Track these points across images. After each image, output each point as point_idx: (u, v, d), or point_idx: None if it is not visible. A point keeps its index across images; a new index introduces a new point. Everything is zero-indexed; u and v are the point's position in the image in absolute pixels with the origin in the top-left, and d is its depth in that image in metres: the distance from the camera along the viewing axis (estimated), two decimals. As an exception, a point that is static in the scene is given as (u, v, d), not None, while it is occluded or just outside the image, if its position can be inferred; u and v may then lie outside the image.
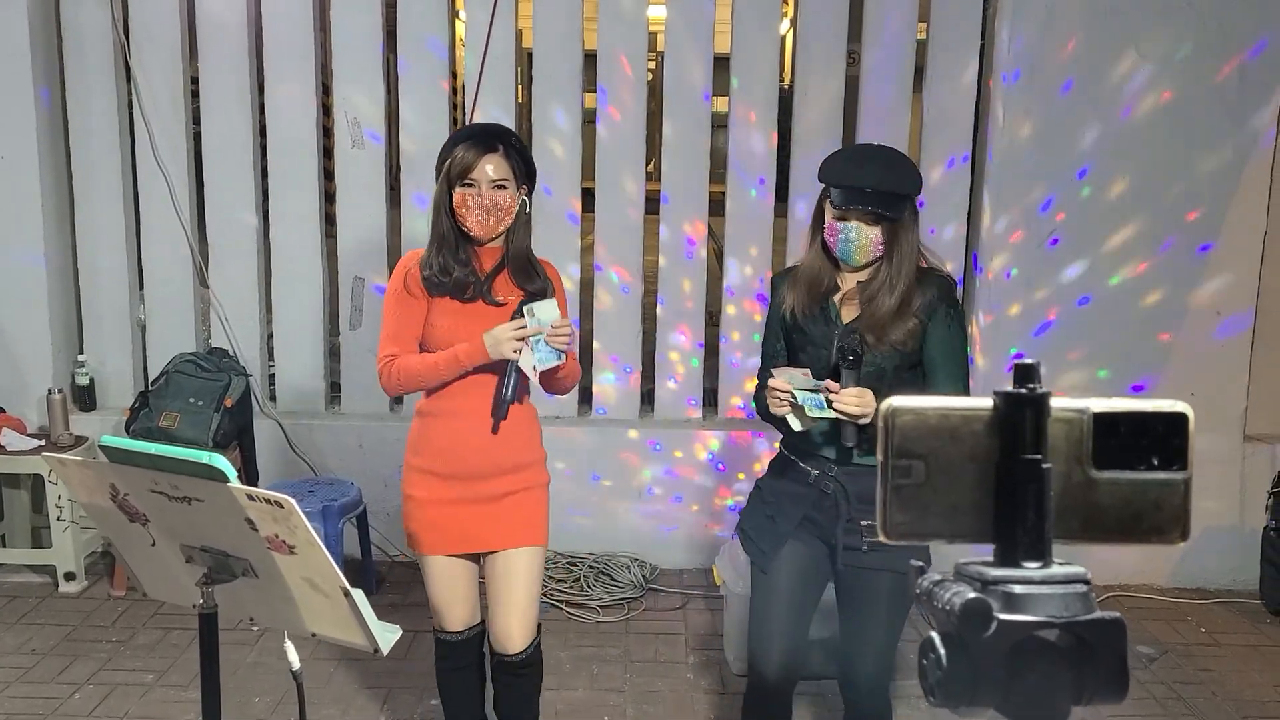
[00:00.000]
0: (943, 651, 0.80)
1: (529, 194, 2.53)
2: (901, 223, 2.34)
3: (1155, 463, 0.84)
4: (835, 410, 2.24)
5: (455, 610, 2.61)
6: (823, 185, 2.40)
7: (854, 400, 2.23)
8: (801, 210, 4.23)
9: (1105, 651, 0.80)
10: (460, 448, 2.50)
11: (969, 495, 0.84)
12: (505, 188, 2.45)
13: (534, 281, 2.51)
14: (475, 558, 2.60)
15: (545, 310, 2.41)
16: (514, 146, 2.50)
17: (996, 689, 0.80)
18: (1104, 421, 0.84)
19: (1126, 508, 0.84)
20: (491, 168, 2.44)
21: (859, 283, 2.42)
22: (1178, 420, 0.84)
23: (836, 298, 2.44)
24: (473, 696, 2.71)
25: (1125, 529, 0.85)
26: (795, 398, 2.27)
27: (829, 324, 2.42)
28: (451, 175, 2.44)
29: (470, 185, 2.43)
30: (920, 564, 0.89)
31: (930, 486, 0.84)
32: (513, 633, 2.57)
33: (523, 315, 2.40)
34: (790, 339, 2.49)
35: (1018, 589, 0.81)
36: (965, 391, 2.43)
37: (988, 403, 0.84)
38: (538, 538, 2.58)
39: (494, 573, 2.58)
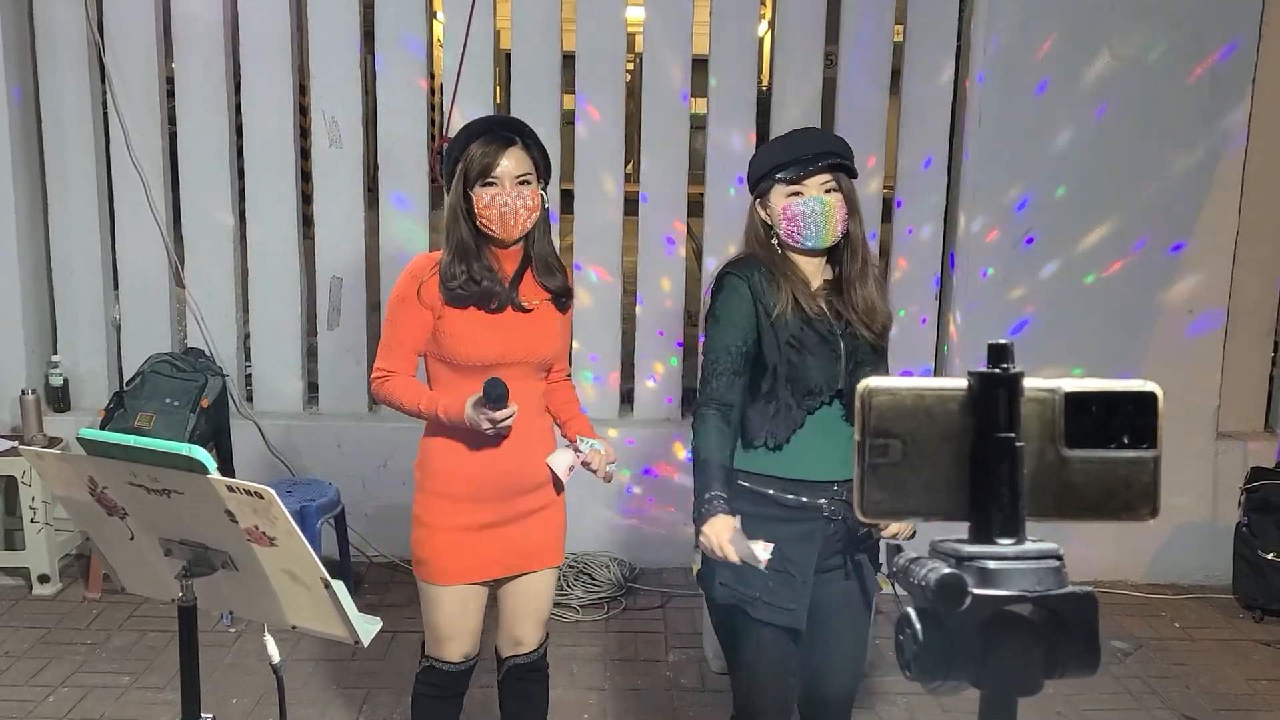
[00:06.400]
0: (918, 626, 0.82)
1: (545, 188, 2.38)
2: (852, 191, 2.25)
3: (1126, 441, 0.86)
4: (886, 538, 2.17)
5: (460, 643, 2.47)
6: (758, 190, 2.27)
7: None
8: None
9: (1077, 625, 0.81)
10: (485, 471, 2.35)
11: (945, 474, 0.85)
12: (529, 183, 2.31)
13: (556, 278, 2.40)
14: (488, 582, 2.48)
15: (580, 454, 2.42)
16: (531, 138, 2.36)
17: (971, 662, 0.81)
18: (1075, 400, 0.86)
19: (1098, 485, 0.86)
20: (513, 163, 2.29)
21: (828, 275, 2.29)
22: (1147, 399, 0.86)
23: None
24: None
25: (1097, 506, 0.86)
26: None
27: (830, 325, 2.24)
28: (470, 175, 2.28)
29: (492, 184, 2.27)
30: (897, 543, 0.91)
31: (907, 465, 0.85)
32: (529, 638, 2.55)
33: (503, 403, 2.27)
34: (775, 341, 2.20)
35: (992, 564, 0.82)
36: None
37: (962, 383, 0.86)
38: (557, 557, 2.52)
39: (513, 591, 2.50)
